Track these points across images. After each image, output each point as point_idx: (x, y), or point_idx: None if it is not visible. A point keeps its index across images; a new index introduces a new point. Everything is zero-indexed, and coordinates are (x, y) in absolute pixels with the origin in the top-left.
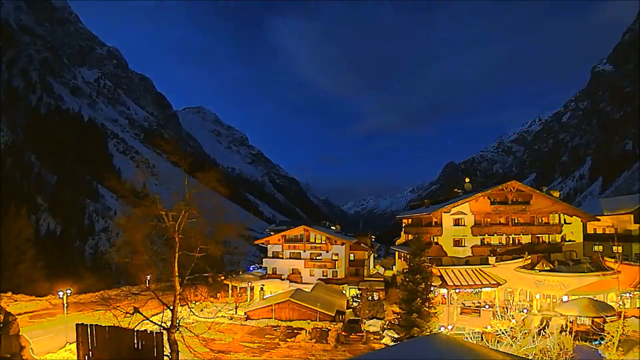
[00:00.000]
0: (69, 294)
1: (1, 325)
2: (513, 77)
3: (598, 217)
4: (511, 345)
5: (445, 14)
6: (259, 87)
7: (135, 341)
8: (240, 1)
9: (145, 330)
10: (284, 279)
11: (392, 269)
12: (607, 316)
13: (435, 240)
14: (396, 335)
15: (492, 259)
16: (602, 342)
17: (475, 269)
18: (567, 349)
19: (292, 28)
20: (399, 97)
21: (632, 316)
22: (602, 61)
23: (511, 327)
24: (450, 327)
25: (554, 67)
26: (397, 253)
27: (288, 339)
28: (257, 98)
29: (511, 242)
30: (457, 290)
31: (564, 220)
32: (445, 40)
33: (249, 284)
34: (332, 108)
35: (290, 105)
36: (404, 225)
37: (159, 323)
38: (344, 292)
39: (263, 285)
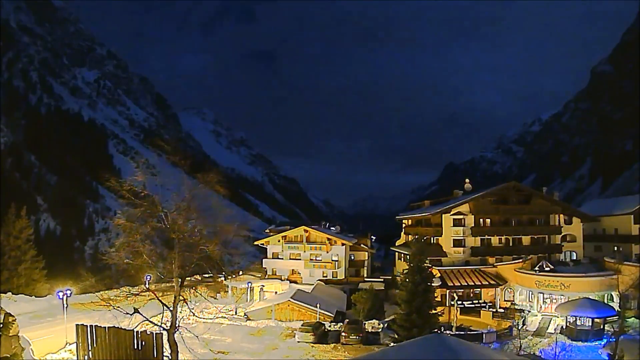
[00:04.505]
0: (69, 295)
1: (1, 325)
2: (513, 77)
3: (598, 218)
4: (511, 345)
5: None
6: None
7: (135, 341)
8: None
9: (145, 330)
10: (284, 280)
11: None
12: (607, 316)
13: (435, 241)
14: (396, 336)
15: (492, 259)
16: (602, 342)
17: (475, 270)
18: (566, 348)
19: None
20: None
21: (632, 316)
22: (602, 61)
23: (511, 327)
24: (450, 327)
25: (554, 67)
26: (397, 254)
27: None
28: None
29: (511, 242)
30: (457, 291)
31: (564, 220)
32: (442, 38)
33: (249, 284)
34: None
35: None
36: (404, 225)
37: (159, 324)
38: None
39: (263, 285)
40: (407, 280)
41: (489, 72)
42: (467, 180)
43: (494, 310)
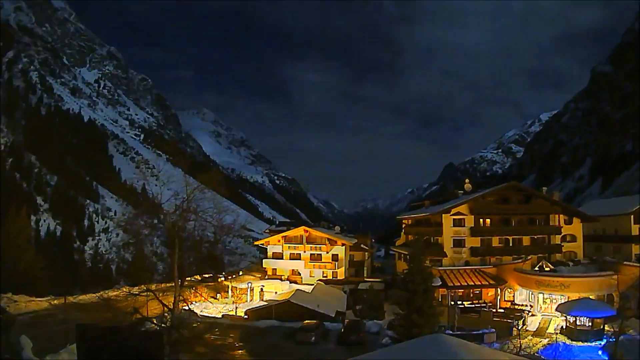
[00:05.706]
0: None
1: (1, 325)
2: (512, 78)
3: (598, 218)
4: (511, 345)
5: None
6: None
7: (135, 341)
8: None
9: (145, 330)
10: (284, 280)
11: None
12: (607, 316)
13: (435, 241)
14: (396, 336)
15: (492, 260)
16: (602, 342)
17: (475, 270)
18: (566, 348)
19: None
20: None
21: (632, 316)
22: (602, 61)
23: (511, 327)
24: (450, 327)
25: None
26: (397, 254)
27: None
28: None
29: (511, 242)
30: (458, 291)
31: (564, 220)
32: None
33: (249, 284)
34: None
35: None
36: (404, 225)
37: (159, 323)
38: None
39: (263, 285)
40: (407, 280)
41: None
42: (467, 180)
43: (494, 310)
